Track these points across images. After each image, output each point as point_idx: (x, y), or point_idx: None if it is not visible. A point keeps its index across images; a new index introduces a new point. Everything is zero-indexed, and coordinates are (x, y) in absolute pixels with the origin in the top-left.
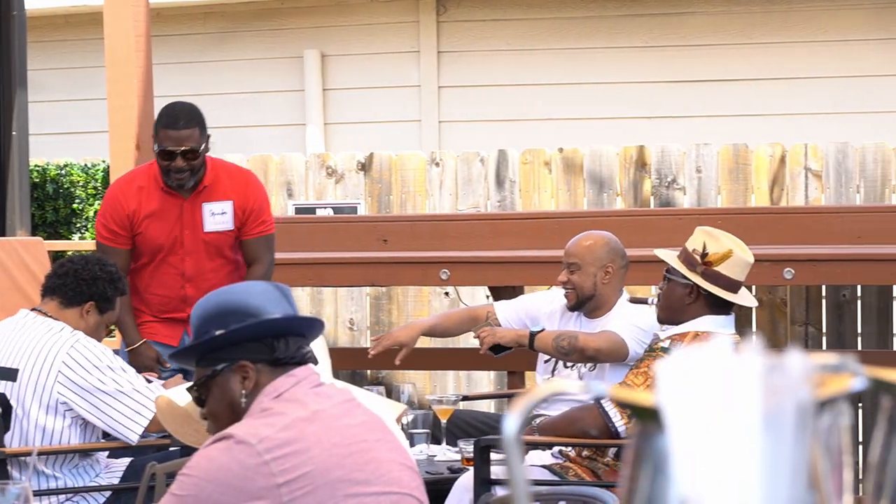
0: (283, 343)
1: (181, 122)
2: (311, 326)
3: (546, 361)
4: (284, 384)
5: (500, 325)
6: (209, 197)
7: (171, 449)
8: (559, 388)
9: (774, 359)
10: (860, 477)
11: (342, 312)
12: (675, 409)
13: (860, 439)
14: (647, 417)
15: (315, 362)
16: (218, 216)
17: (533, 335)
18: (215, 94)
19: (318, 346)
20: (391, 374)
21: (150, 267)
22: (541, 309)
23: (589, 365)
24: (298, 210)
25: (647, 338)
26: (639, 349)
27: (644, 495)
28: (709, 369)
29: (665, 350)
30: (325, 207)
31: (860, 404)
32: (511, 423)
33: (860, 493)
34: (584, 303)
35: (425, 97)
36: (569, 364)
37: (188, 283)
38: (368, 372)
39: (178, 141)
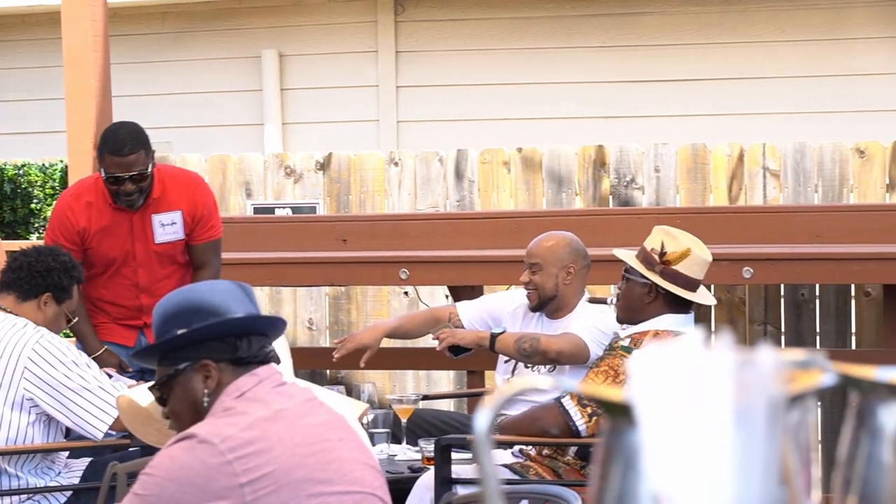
0: (245, 342)
1: (126, 147)
2: (274, 325)
3: (506, 361)
4: (247, 383)
5: (462, 326)
6: (158, 208)
7: (130, 449)
8: (530, 384)
9: (745, 355)
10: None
11: (301, 312)
12: (646, 405)
13: (818, 437)
14: (617, 413)
15: (277, 361)
16: (168, 227)
17: (494, 337)
18: (173, 93)
19: (280, 346)
20: (351, 374)
21: (104, 277)
22: (503, 309)
23: (549, 366)
24: (257, 210)
25: (607, 340)
26: (599, 351)
27: (615, 492)
28: (680, 365)
29: (625, 349)
30: (284, 207)
31: (818, 403)
32: (481, 420)
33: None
34: (546, 303)
35: (383, 97)
36: (528, 365)
37: (143, 293)
38: (328, 372)
39: (124, 167)
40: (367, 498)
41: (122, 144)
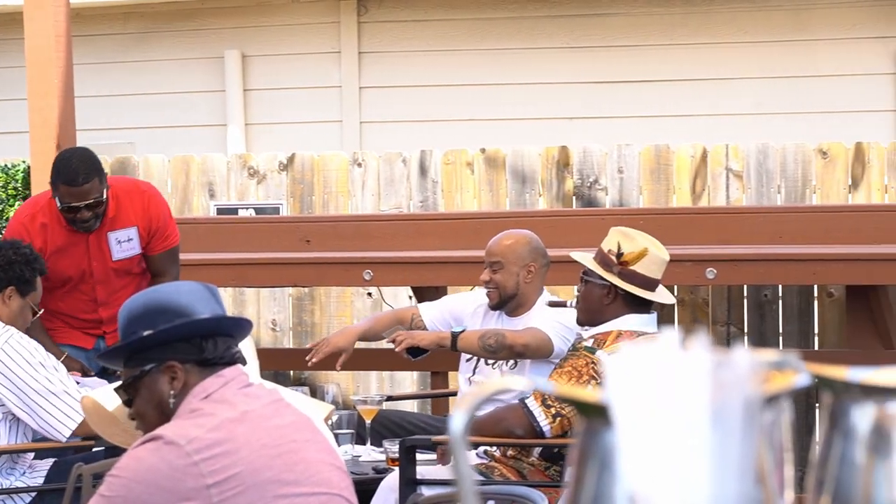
0: (211, 343)
1: (81, 177)
2: (240, 327)
3: (467, 361)
4: (213, 385)
5: (425, 327)
6: (114, 226)
7: (94, 450)
8: (505, 385)
9: (721, 355)
10: None
11: (264, 313)
12: (623, 405)
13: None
14: (593, 414)
15: (244, 363)
16: (125, 243)
17: (455, 336)
18: (136, 94)
19: (246, 347)
20: (314, 375)
21: (62, 291)
22: (464, 309)
23: (510, 363)
24: (220, 211)
25: (570, 334)
26: (563, 345)
27: (591, 492)
28: (656, 365)
29: (589, 350)
30: (248, 208)
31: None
32: (458, 422)
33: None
34: (507, 302)
35: (346, 98)
36: (490, 362)
37: (101, 307)
38: (291, 372)
39: (80, 196)
40: (334, 499)
41: (75, 174)
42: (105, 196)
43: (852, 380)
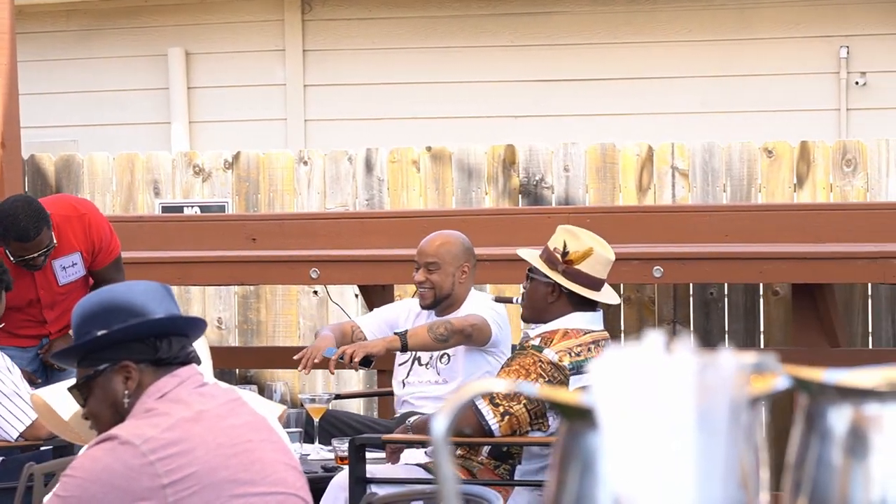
0: (165, 343)
1: (32, 232)
2: (194, 326)
3: (400, 364)
4: (168, 384)
5: (366, 339)
6: (58, 254)
7: (42, 448)
8: (487, 387)
9: (706, 358)
10: None
11: (210, 311)
12: (608, 407)
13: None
14: (574, 416)
15: (198, 362)
16: (70, 269)
17: (403, 336)
18: (80, 91)
19: (200, 346)
20: (260, 373)
21: (9, 313)
22: (399, 316)
23: (444, 360)
24: (165, 209)
25: (503, 321)
26: (498, 332)
27: (573, 494)
28: (641, 368)
29: (536, 348)
30: (193, 206)
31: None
32: (439, 424)
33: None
34: (441, 301)
35: (291, 96)
36: (423, 363)
37: (50, 324)
38: (237, 371)
39: (33, 249)
40: (290, 499)
41: (25, 231)
42: (54, 240)
43: (829, 381)
